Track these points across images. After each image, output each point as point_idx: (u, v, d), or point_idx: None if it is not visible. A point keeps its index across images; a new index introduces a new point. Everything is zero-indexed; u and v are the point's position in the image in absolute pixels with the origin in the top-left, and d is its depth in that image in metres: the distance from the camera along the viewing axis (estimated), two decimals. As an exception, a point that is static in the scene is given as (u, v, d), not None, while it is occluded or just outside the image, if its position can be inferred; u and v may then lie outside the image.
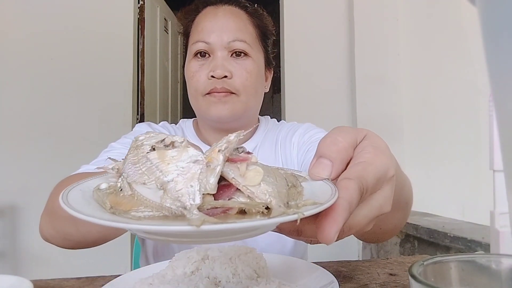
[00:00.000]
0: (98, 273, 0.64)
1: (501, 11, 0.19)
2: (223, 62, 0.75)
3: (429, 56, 2.35)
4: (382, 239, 0.67)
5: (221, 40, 0.76)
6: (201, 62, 0.77)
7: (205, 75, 0.76)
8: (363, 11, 2.40)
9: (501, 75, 0.20)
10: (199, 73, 0.77)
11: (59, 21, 2.32)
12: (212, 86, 0.75)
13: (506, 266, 0.31)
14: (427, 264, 0.31)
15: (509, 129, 0.21)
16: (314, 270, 0.54)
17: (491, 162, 0.50)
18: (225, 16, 0.78)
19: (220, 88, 0.74)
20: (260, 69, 0.80)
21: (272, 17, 0.91)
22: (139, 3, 2.54)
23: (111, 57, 2.36)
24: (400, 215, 0.56)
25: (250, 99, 0.78)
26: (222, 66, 0.75)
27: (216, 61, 0.75)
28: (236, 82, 0.75)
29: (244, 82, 0.76)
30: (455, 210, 2.06)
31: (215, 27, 0.77)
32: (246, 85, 0.76)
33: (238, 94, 0.76)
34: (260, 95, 0.82)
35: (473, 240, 1.40)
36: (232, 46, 0.76)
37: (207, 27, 0.78)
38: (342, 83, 2.45)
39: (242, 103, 0.77)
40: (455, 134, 2.25)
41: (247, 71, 0.76)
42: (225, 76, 0.75)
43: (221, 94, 0.75)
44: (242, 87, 0.76)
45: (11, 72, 2.28)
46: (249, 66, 0.77)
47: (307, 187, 0.35)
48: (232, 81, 0.75)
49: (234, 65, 0.76)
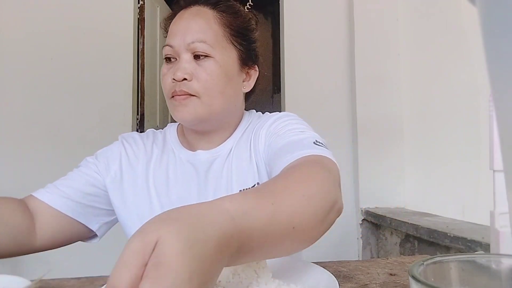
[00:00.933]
0: (98, 273, 0.64)
1: (501, 11, 0.19)
2: (184, 65, 0.75)
3: (429, 56, 2.35)
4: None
5: (183, 42, 0.75)
6: (169, 66, 0.77)
7: (170, 79, 0.76)
8: (363, 11, 2.41)
9: (501, 75, 0.20)
10: (166, 77, 0.77)
11: (59, 21, 2.32)
12: (173, 89, 0.75)
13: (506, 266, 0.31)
14: (427, 264, 0.31)
15: (509, 129, 0.21)
16: (314, 270, 0.54)
17: (491, 162, 0.50)
18: (189, 17, 0.77)
19: (179, 91, 0.74)
20: (226, 69, 0.77)
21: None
22: (139, 3, 2.55)
23: (111, 57, 2.37)
24: (288, 243, 0.48)
25: (214, 101, 0.76)
26: (182, 69, 0.74)
27: (179, 64, 0.75)
28: (195, 84, 0.74)
29: (204, 85, 0.74)
30: (455, 210, 2.06)
31: (178, 30, 0.76)
32: (207, 87, 0.75)
33: (198, 96, 0.74)
34: (229, 96, 0.78)
35: (473, 240, 1.40)
36: (193, 48, 0.75)
37: (172, 30, 0.78)
38: (342, 83, 2.45)
39: (205, 105, 0.75)
40: (455, 134, 2.25)
41: (207, 72, 0.75)
42: (185, 79, 0.74)
43: (181, 97, 0.74)
44: (203, 89, 0.74)
45: (11, 72, 2.28)
46: (209, 67, 0.75)
47: None
48: (191, 83, 0.74)
49: (196, 67, 0.75)
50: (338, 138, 2.37)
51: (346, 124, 2.42)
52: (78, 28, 2.33)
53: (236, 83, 0.80)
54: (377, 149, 2.32)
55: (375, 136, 2.34)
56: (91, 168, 0.82)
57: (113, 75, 2.36)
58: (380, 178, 2.32)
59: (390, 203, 2.28)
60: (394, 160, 2.33)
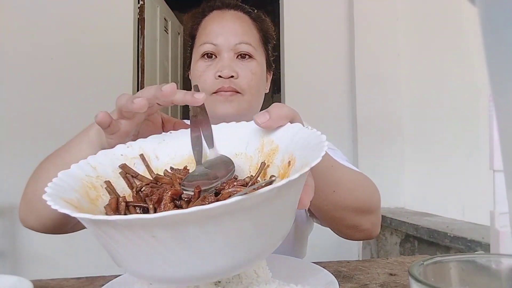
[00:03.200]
0: (98, 273, 0.64)
1: (501, 11, 0.19)
2: (230, 63, 0.79)
3: (429, 56, 2.35)
4: (324, 218, 0.69)
5: (228, 42, 0.80)
6: (208, 63, 0.81)
7: (212, 75, 0.79)
8: (363, 11, 2.40)
9: (501, 75, 0.20)
10: (207, 73, 0.80)
11: (59, 21, 2.32)
12: (219, 85, 0.78)
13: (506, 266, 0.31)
14: (427, 264, 0.31)
15: (509, 129, 0.21)
16: (313, 270, 0.54)
17: (491, 162, 0.50)
18: (231, 19, 0.82)
19: (227, 87, 0.78)
20: (263, 70, 0.85)
21: (272, 17, 0.94)
22: (139, 3, 2.54)
23: (111, 57, 2.36)
24: (323, 198, 0.59)
25: (253, 99, 0.82)
26: (229, 66, 0.78)
27: (223, 62, 0.79)
28: (242, 82, 0.79)
29: (249, 83, 0.80)
30: (455, 210, 2.05)
31: (222, 30, 0.81)
32: (251, 85, 0.80)
33: (243, 94, 0.80)
34: (261, 95, 0.86)
35: (473, 240, 1.40)
36: (238, 48, 0.80)
37: (214, 29, 0.82)
38: (342, 83, 2.45)
39: (246, 102, 0.80)
40: (455, 134, 2.24)
41: (252, 72, 0.80)
42: (232, 76, 0.78)
43: (227, 93, 0.78)
44: (247, 87, 0.80)
45: (11, 72, 2.28)
46: (253, 68, 0.81)
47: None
48: (238, 81, 0.79)
49: (240, 66, 0.80)
50: (338, 138, 2.37)
51: (346, 124, 2.42)
52: (78, 28, 2.33)
53: (265, 84, 0.88)
54: (377, 149, 2.32)
55: (375, 136, 2.34)
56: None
57: (113, 75, 2.36)
58: (380, 178, 2.31)
59: (390, 203, 2.28)
60: (394, 160, 2.33)
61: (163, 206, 0.41)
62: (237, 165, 0.48)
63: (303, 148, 0.41)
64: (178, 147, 0.51)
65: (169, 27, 3.13)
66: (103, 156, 0.48)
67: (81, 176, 0.44)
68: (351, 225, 0.67)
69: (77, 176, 0.43)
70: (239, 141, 0.49)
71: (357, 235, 0.71)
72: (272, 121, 0.44)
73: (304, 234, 0.87)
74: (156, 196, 0.42)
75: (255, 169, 0.47)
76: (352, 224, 0.66)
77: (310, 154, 0.38)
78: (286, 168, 0.43)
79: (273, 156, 0.45)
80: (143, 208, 0.43)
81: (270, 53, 0.90)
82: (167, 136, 0.53)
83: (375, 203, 0.68)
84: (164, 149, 0.51)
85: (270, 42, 0.89)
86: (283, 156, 0.44)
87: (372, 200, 0.67)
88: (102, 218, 0.31)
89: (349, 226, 0.67)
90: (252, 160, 0.48)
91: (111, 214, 0.41)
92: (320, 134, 0.41)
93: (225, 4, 0.85)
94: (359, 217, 0.65)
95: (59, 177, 0.41)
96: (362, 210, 0.65)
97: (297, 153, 0.42)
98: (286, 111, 0.46)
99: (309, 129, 0.43)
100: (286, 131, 0.45)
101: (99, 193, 0.44)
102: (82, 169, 0.45)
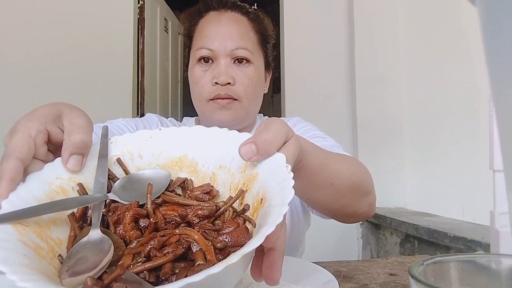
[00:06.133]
0: (98, 273, 0.64)
1: (501, 11, 0.19)
2: (226, 69, 0.78)
3: (429, 56, 2.35)
4: (325, 210, 0.69)
5: (225, 47, 0.78)
6: (205, 68, 0.80)
7: (209, 81, 0.79)
8: (363, 11, 2.40)
9: (501, 75, 0.20)
10: (203, 79, 0.79)
11: (59, 21, 2.32)
12: (216, 92, 0.78)
13: (506, 266, 0.31)
14: (427, 264, 0.31)
15: (509, 129, 0.21)
16: (313, 270, 0.54)
17: (491, 162, 0.50)
18: (228, 23, 0.80)
19: (223, 95, 0.77)
20: (261, 74, 0.83)
21: (272, 17, 0.93)
22: (139, 3, 2.54)
23: (111, 57, 2.36)
24: (322, 193, 0.59)
25: (251, 104, 0.81)
26: (225, 73, 0.77)
27: (219, 68, 0.78)
28: (239, 88, 0.78)
29: (246, 89, 0.79)
30: (455, 210, 2.05)
31: (218, 35, 0.79)
32: (247, 91, 0.79)
33: (240, 100, 0.79)
34: (259, 98, 0.85)
35: (473, 240, 1.40)
36: (235, 54, 0.79)
37: (210, 34, 0.80)
38: (342, 83, 2.45)
39: (243, 108, 0.80)
40: (455, 134, 2.24)
41: (248, 78, 0.79)
42: (228, 83, 0.78)
43: (224, 101, 0.78)
44: (244, 93, 0.79)
45: (11, 71, 2.28)
46: (250, 73, 0.80)
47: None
48: (235, 87, 0.78)
49: (236, 71, 0.79)
50: (338, 138, 2.34)
51: (346, 124, 2.42)
52: (78, 28, 2.33)
53: (263, 86, 0.86)
54: (377, 149, 2.32)
55: (375, 136, 2.34)
56: None
57: (113, 75, 2.36)
58: (380, 178, 2.31)
59: (390, 203, 2.27)
60: (394, 160, 2.33)
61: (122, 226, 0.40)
62: (220, 178, 0.46)
63: (274, 194, 0.37)
64: (164, 147, 0.49)
65: (169, 27, 3.13)
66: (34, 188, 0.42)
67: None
68: (351, 212, 0.67)
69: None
70: (226, 153, 0.45)
71: (356, 219, 0.71)
72: (259, 156, 0.40)
73: (300, 231, 0.86)
74: (115, 216, 0.41)
75: (235, 189, 0.44)
76: (352, 210, 0.67)
77: (273, 211, 0.34)
78: (258, 204, 0.40)
79: (252, 182, 0.42)
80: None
81: (269, 52, 0.88)
82: (155, 133, 0.50)
83: (369, 183, 0.69)
84: (148, 148, 0.49)
85: (269, 41, 0.87)
86: (259, 188, 0.41)
87: (367, 181, 0.68)
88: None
89: (348, 213, 0.67)
90: (234, 177, 0.45)
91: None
92: (290, 187, 0.35)
93: (222, 4, 0.83)
94: (358, 200, 0.66)
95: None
96: (360, 193, 0.65)
97: (269, 194, 0.38)
98: (277, 141, 0.41)
99: (286, 172, 0.38)
100: (269, 160, 0.41)
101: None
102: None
